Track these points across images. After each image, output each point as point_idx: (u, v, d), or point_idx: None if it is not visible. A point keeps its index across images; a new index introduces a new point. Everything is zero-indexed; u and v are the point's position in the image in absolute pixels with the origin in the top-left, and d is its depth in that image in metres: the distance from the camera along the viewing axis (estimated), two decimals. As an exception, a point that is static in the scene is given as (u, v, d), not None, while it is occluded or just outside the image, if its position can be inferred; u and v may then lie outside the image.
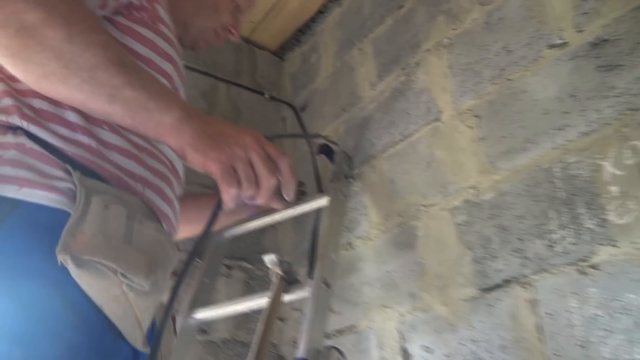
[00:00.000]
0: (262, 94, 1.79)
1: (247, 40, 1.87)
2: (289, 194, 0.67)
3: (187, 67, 1.56)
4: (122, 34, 0.76)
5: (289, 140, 1.75)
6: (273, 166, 0.65)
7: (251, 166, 0.63)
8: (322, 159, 1.41)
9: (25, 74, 0.61)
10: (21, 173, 0.61)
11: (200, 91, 1.68)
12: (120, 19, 0.76)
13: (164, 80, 0.78)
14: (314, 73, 1.74)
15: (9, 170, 0.61)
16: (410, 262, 1.17)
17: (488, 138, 1.09)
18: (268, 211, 1.28)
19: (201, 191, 1.43)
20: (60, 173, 0.63)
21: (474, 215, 1.07)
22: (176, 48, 0.84)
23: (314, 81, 1.72)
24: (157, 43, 0.79)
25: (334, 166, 1.33)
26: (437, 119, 1.22)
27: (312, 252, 1.20)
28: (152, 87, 0.63)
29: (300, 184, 1.35)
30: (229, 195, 0.62)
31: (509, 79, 1.09)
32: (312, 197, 1.27)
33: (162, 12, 0.84)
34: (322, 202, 1.27)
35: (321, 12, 1.77)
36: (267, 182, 0.64)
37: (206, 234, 0.68)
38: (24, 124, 0.64)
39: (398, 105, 1.34)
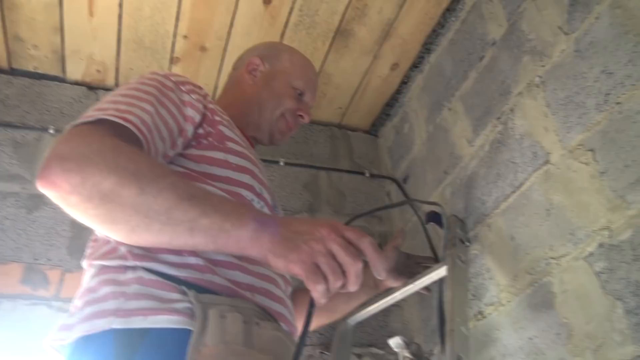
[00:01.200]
0: (362, 173, 1.83)
1: (339, 126, 1.94)
2: (379, 272, 0.66)
3: (287, 164, 1.75)
4: (197, 163, 0.84)
5: (398, 214, 1.73)
6: (355, 250, 0.63)
7: (333, 257, 0.63)
8: (434, 228, 1.36)
9: (116, 233, 0.67)
10: (144, 303, 0.67)
11: (302, 183, 1.75)
12: (192, 150, 0.85)
13: (245, 192, 0.85)
14: (409, 143, 1.75)
15: (134, 304, 0.67)
16: (553, 324, 1.05)
17: (609, 171, 0.99)
18: (387, 291, 1.24)
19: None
20: (177, 295, 0.68)
21: (614, 259, 0.95)
22: (249, 158, 0.90)
23: (411, 150, 1.72)
24: (229, 160, 0.86)
25: (446, 232, 1.28)
26: (547, 162, 1.14)
27: (441, 327, 1.13)
28: (225, 209, 0.66)
29: (425, 259, 1.30)
30: (318, 292, 0.61)
31: (617, 102, 1.00)
32: (430, 268, 1.21)
33: (227, 130, 0.91)
34: (441, 272, 1.20)
35: (404, 82, 1.80)
36: (353, 267, 0.63)
37: (304, 335, 0.67)
38: (139, 263, 0.72)
39: (501, 157, 1.27)
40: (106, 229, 0.67)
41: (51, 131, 1.53)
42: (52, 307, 1.28)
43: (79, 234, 1.38)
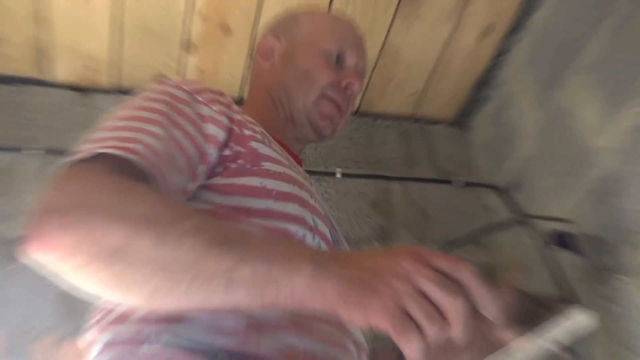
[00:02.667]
0: (449, 182, 1.82)
1: (414, 118, 1.95)
2: (492, 312, 0.63)
3: (346, 175, 1.76)
4: (226, 195, 0.84)
5: (507, 238, 1.68)
6: (454, 284, 0.61)
7: (425, 296, 0.60)
8: (561, 254, 1.35)
9: (132, 299, 0.67)
10: None
11: (369, 201, 1.75)
12: (218, 180, 0.86)
13: (293, 227, 0.85)
14: (513, 136, 1.73)
15: None
16: None
17: None
18: (503, 349, 1.16)
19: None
20: None
21: None
22: (294, 180, 0.91)
23: (517, 147, 1.71)
24: (267, 187, 0.86)
25: (579, 258, 1.26)
26: None
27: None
28: (269, 251, 0.66)
29: (553, 301, 1.24)
30: (413, 348, 0.58)
31: None
32: (563, 314, 1.15)
33: (262, 147, 0.93)
34: (579, 317, 1.13)
35: (500, 54, 1.81)
36: (453, 305, 0.60)
37: None
38: (161, 328, 0.73)
39: (654, 148, 1.23)
40: (120, 295, 0.67)
41: (34, 151, 1.56)
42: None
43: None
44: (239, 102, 1.71)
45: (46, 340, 1.36)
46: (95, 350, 0.77)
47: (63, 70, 1.72)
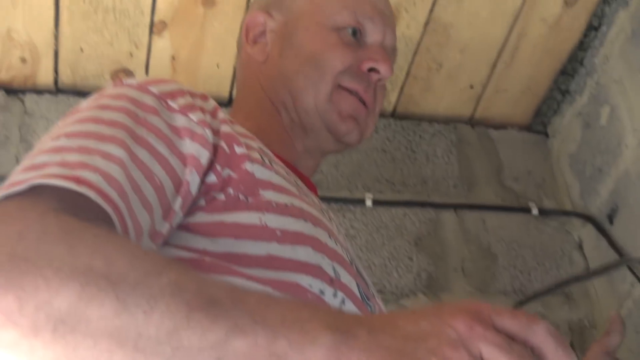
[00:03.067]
0: (523, 209, 1.73)
1: (472, 121, 1.88)
2: None
3: (378, 203, 1.67)
4: (214, 238, 0.81)
5: (604, 286, 1.63)
6: (522, 348, 0.59)
7: None
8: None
9: None
10: None
11: (411, 237, 1.67)
12: (202, 217, 0.82)
13: (306, 279, 0.82)
14: (613, 144, 1.66)
15: None
16: None
17: None
18: None
19: None
20: None
21: None
22: (306, 213, 0.89)
23: (618, 159, 1.64)
24: (269, 225, 0.83)
25: None
26: None
27: None
28: (272, 316, 0.61)
29: None
30: None
31: None
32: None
33: (259, 168, 0.88)
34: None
35: (592, 28, 1.74)
36: None
37: None
38: None
39: None
40: None
41: None
42: None
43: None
44: (230, 103, 1.72)
45: None
46: None
47: None
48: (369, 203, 1.65)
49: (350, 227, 1.62)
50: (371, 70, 1.07)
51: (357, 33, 1.09)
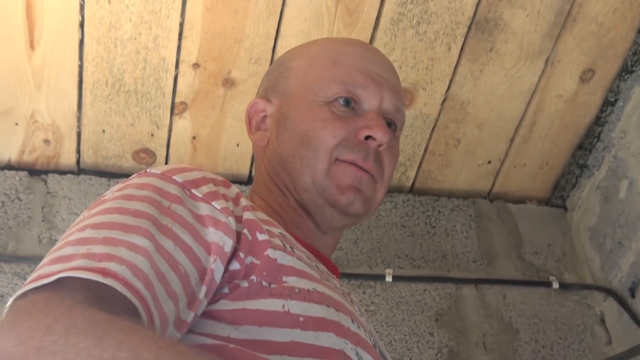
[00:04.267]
0: (546, 284, 1.73)
1: (491, 196, 1.89)
2: None
3: (398, 278, 1.65)
4: (237, 325, 0.80)
5: None
6: None
7: None
8: None
9: None
10: None
11: (432, 313, 1.66)
12: (225, 304, 0.81)
13: None
14: (634, 216, 1.65)
15: None
16: None
17: None
18: None
19: None
20: None
21: None
22: (329, 299, 0.88)
23: (637, 232, 1.63)
24: (292, 311, 0.82)
25: None
26: None
27: None
28: None
29: None
30: None
31: None
32: None
33: (281, 255, 0.87)
34: None
35: (609, 103, 1.74)
36: None
37: None
38: None
39: None
40: None
41: None
42: None
43: None
44: (250, 182, 1.78)
45: None
46: None
47: (13, 146, 1.67)
48: (388, 278, 1.64)
49: (371, 303, 1.61)
50: (368, 137, 1.04)
51: (350, 102, 1.07)
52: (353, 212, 1.05)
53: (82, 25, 1.49)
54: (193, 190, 0.85)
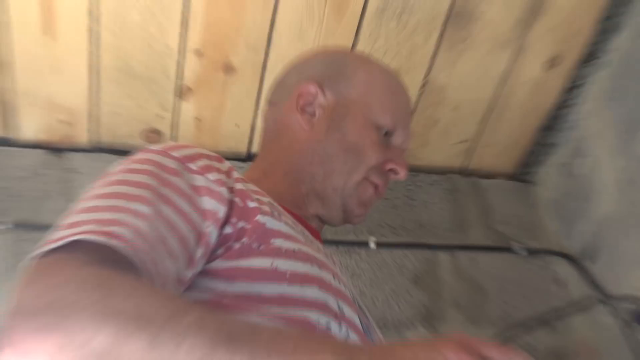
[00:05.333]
0: (509, 249, 1.78)
1: (464, 172, 1.93)
2: None
3: (380, 245, 1.70)
4: (231, 281, 0.85)
5: (582, 317, 1.66)
6: None
7: None
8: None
9: None
10: None
11: (410, 276, 1.70)
12: (220, 263, 0.86)
13: (313, 315, 0.85)
14: (592, 191, 1.71)
15: None
16: None
17: None
18: None
19: None
20: None
21: None
22: (312, 258, 0.92)
23: (597, 204, 1.69)
24: (280, 268, 0.87)
25: None
26: None
27: None
28: (285, 347, 0.66)
29: None
30: None
31: None
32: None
33: (271, 220, 0.92)
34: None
35: (572, 88, 1.79)
36: None
37: None
38: None
39: None
40: None
41: (1, 226, 1.55)
42: None
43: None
44: (248, 159, 1.82)
45: None
46: None
47: (32, 126, 1.71)
48: (372, 245, 1.69)
49: (356, 267, 1.66)
50: (392, 169, 1.13)
51: (388, 133, 1.14)
52: (354, 223, 1.16)
53: (91, 13, 1.51)
54: (189, 164, 0.89)
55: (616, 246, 1.60)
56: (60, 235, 0.72)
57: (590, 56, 1.72)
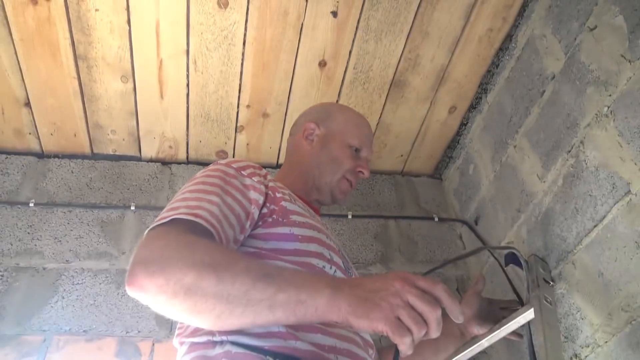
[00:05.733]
0: (431, 218, 1.81)
1: (402, 173, 1.92)
2: (456, 316, 0.67)
3: (355, 216, 1.75)
4: (266, 241, 0.85)
5: (474, 258, 1.69)
6: (431, 298, 0.65)
7: (412, 308, 0.64)
8: (514, 269, 1.34)
9: (203, 323, 0.69)
10: None
11: (372, 234, 1.74)
12: (259, 230, 0.87)
13: (315, 261, 0.85)
14: (476, 183, 1.72)
15: None
16: (660, 364, 0.98)
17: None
18: (473, 339, 1.21)
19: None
20: None
21: None
22: (314, 226, 0.91)
23: (479, 191, 1.70)
24: (295, 233, 0.87)
25: (527, 273, 1.25)
26: (628, 192, 1.11)
27: (536, 374, 1.09)
28: (298, 280, 0.68)
29: (508, 303, 1.27)
30: (405, 345, 0.63)
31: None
32: (516, 312, 1.19)
33: (290, 204, 0.91)
34: (528, 315, 1.18)
35: (464, 124, 1.80)
36: (432, 314, 0.64)
37: None
38: (225, 337, 0.74)
39: (577, 190, 1.24)
40: (194, 320, 0.70)
41: (132, 208, 1.61)
42: (146, 378, 1.32)
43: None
44: (277, 167, 1.80)
45: (147, 342, 1.39)
46: (184, 349, 0.80)
47: (151, 149, 1.74)
48: (349, 216, 1.74)
49: (340, 229, 1.71)
50: (359, 172, 1.17)
51: (357, 150, 1.18)
52: (338, 202, 1.18)
53: (187, 85, 1.57)
54: (242, 171, 0.91)
55: (491, 216, 1.60)
56: (165, 215, 0.76)
57: (472, 106, 1.72)
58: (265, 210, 0.88)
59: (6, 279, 1.43)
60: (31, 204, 1.55)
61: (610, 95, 1.17)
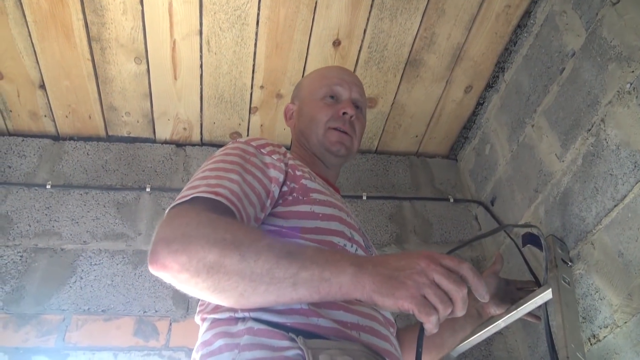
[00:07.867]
0: (446, 199, 1.81)
1: (417, 154, 1.93)
2: (482, 295, 0.66)
3: (370, 197, 1.76)
4: (286, 219, 0.85)
5: (490, 238, 1.68)
6: (457, 277, 0.64)
7: (438, 286, 0.64)
8: (531, 250, 1.33)
9: (226, 301, 0.69)
10: (257, 353, 0.68)
11: (387, 216, 1.75)
12: (280, 208, 0.86)
13: (336, 239, 0.84)
14: (492, 164, 1.71)
15: (248, 355, 0.68)
16: (681, 344, 0.97)
17: None
18: (490, 319, 1.20)
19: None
20: (286, 343, 0.69)
21: None
22: (334, 204, 0.90)
23: (495, 171, 1.69)
24: (315, 211, 0.86)
25: (545, 253, 1.23)
26: (650, 171, 1.09)
27: (553, 354, 1.08)
28: (321, 258, 0.67)
29: (526, 283, 1.25)
30: (431, 323, 0.62)
31: None
32: (534, 292, 1.18)
33: (310, 182, 0.91)
34: (545, 295, 1.17)
35: (480, 104, 1.78)
36: (458, 294, 0.63)
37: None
38: (248, 313, 0.74)
39: (597, 169, 1.22)
40: (217, 298, 0.69)
41: (148, 190, 1.62)
42: (164, 357, 1.35)
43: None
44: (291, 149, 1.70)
45: (165, 322, 1.41)
46: (206, 325, 0.80)
47: (166, 131, 1.75)
48: (364, 198, 1.74)
49: (355, 210, 1.71)
50: (344, 113, 1.10)
51: (334, 97, 1.12)
52: (340, 154, 1.09)
53: (201, 66, 1.56)
54: (261, 149, 0.90)
55: (507, 197, 1.58)
56: (185, 194, 0.76)
57: (489, 85, 1.70)
58: (285, 188, 0.87)
59: (25, 260, 1.45)
60: (48, 186, 1.57)
61: (633, 72, 1.14)
